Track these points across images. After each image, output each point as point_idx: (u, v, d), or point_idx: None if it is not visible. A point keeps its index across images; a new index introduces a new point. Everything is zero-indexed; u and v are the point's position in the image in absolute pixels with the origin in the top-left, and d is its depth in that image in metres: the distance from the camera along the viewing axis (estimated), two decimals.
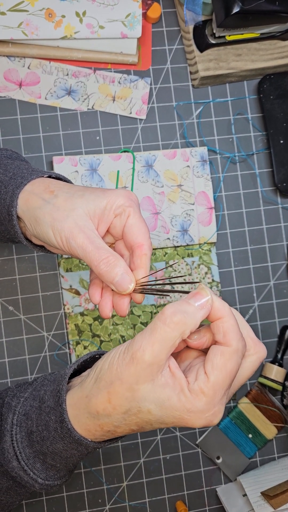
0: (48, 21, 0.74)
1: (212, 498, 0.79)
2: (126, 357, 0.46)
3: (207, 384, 0.46)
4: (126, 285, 0.52)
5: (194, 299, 0.47)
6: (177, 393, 0.46)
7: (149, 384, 0.46)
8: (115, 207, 0.54)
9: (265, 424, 0.80)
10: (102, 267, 0.52)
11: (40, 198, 0.55)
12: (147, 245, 0.54)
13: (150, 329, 0.46)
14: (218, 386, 0.46)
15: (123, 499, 0.77)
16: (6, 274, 0.76)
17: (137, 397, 0.46)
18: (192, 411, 0.46)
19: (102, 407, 0.48)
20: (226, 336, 0.47)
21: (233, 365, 0.47)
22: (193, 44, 0.78)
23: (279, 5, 0.73)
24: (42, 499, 0.75)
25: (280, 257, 0.83)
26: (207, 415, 0.46)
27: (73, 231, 0.52)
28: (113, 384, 0.47)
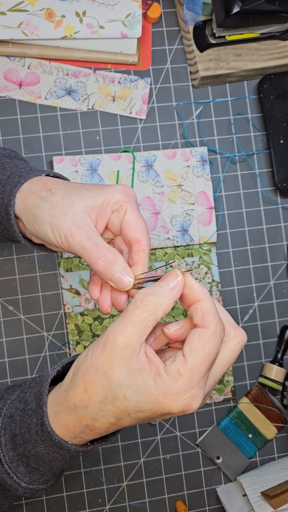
0: (48, 21, 0.74)
1: (212, 498, 0.79)
2: (100, 344, 0.47)
3: (185, 366, 0.45)
4: (125, 282, 0.52)
5: (165, 281, 0.47)
6: (153, 376, 0.45)
7: (124, 369, 0.46)
8: (112, 203, 0.54)
9: (265, 424, 0.80)
10: (100, 264, 0.52)
11: (38, 196, 0.55)
12: (145, 240, 0.54)
13: (122, 314, 0.47)
14: (196, 368, 0.45)
15: (123, 499, 0.77)
16: (6, 274, 0.76)
17: (112, 383, 0.46)
18: (168, 394, 0.45)
19: (79, 398, 0.48)
20: (204, 318, 0.47)
21: (211, 347, 0.46)
22: (193, 44, 0.78)
23: (279, 5, 0.73)
24: (42, 499, 0.75)
25: (280, 257, 0.83)
26: (184, 397, 0.45)
27: (71, 228, 0.52)
28: (88, 373, 0.47)
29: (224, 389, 0.79)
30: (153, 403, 0.46)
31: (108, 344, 0.46)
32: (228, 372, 0.79)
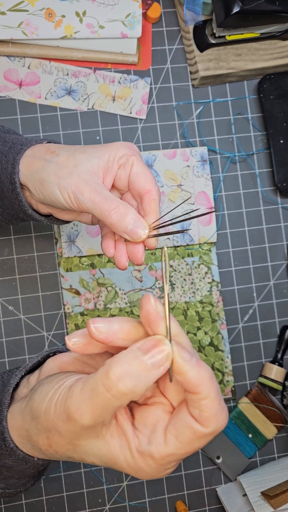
0: (48, 21, 0.74)
1: (212, 498, 0.79)
2: (63, 413, 0.38)
3: (161, 453, 0.38)
4: (140, 232, 0.52)
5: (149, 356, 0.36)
6: (123, 453, 0.39)
7: (92, 441, 0.39)
8: (118, 157, 0.54)
9: (265, 424, 0.80)
10: (113, 216, 0.52)
11: (42, 159, 0.55)
12: (155, 190, 0.54)
13: (90, 390, 0.37)
14: (173, 458, 0.38)
15: (123, 499, 0.77)
16: (6, 273, 0.76)
17: (79, 451, 0.40)
18: (139, 473, 0.39)
19: (45, 448, 0.42)
20: (202, 415, 0.37)
21: (201, 444, 0.38)
22: (193, 44, 0.78)
23: (279, 5, 0.73)
24: (42, 499, 0.75)
25: (280, 257, 0.83)
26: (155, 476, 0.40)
27: (79, 186, 0.52)
28: (51, 433, 0.40)
29: (224, 389, 0.79)
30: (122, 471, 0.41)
31: (73, 422, 0.38)
32: (228, 372, 0.79)
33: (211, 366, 0.79)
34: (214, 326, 0.79)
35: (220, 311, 0.79)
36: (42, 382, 0.43)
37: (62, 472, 0.76)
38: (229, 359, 0.80)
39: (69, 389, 0.39)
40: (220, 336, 0.79)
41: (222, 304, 0.80)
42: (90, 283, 0.77)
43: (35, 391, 0.42)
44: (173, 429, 0.38)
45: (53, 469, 0.76)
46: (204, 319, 0.79)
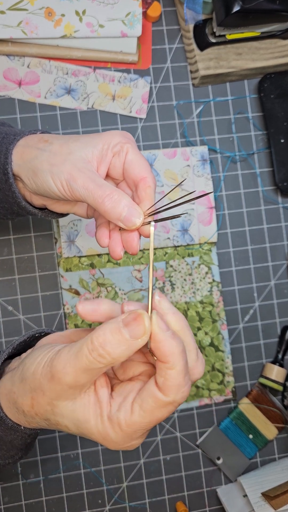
0: (48, 20, 0.73)
1: (212, 499, 0.79)
2: (48, 372, 0.43)
3: (127, 421, 0.42)
4: (135, 219, 0.51)
5: (128, 329, 0.40)
6: (95, 418, 0.43)
7: (69, 403, 0.43)
8: (112, 145, 0.53)
9: (265, 425, 0.79)
10: (107, 203, 0.51)
11: (35, 148, 0.54)
12: (150, 177, 0.53)
13: (75, 352, 0.41)
14: (138, 427, 0.42)
15: (123, 500, 0.77)
16: (6, 274, 0.76)
17: (56, 412, 0.44)
18: (106, 440, 0.43)
19: (27, 409, 0.46)
20: (165, 384, 0.41)
21: (163, 414, 0.42)
22: (194, 43, 0.78)
23: (280, 4, 0.72)
24: (42, 500, 0.75)
25: (281, 257, 0.83)
26: (120, 447, 0.44)
27: (73, 173, 0.51)
28: (36, 392, 0.44)
29: (225, 389, 0.79)
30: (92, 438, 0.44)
31: (56, 380, 0.42)
32: (229, 373, 0.79)
33: (211, 367, 0.79)
34: (215, 326, 0.79)
35: (221, 311, 0.79)
36: (34, 349, 0.48)
37: (62, 473, 0.76)
38: (229, 359, 0.79)
39: (57, 352, 0.43)
40: (220, 337, 0.79)
41: (222, 304, 0.79)
42: (89, 283, 0.76)
43: (26, 357, 0.47)
44: (139, 399, 0.42)
45: (53, 470, 0.76)
46: (204, 319, 0.79)
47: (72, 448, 0.76)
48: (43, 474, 0.76)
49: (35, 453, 0.75)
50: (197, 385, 0.78)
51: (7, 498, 0.75)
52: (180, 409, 0.78)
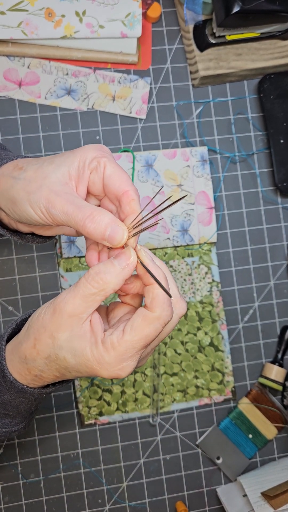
0: (48, 21, 0.74)
1: (212, 499, 0.79)
2: (51, 307, 0.49)
3: (120, 340, 0.47)
4: (119, 236, 0.49)
5: (117, 260, 0.48)
6: (90, 345, 0.48)
7: (67, 334, 0.48)
8: (88, 162, 0.51)
9: (265, 425, 0.80)
10: (88, 225, 0.49)
11: (10, 177, 0.53)
12: (132, 190, 0.51)
13: (75, 285, 0.48)
14: (130, 345, 0.47)
15: (123, 500, 0.77)
16: (6, 274, 0.76)
17: (55, 344, 0.49)
18: (100, 363, 0.48)
19: (29, 352, 0.50)
20: (152, 302, 0.47)
21: (151, 330, 0.47)
22: (193, 44, 0.78)
23: (279, 5, 0.72)
24: (42, 499, 0.75)
25: (280, 257, 0.83)
26: (114, 369, 0.48)
27: (50, 198, 0.50)
28: (38, 331, 0.50)
29: (224, 389, 0.79)
30: (88, 368, 0.49)
31: (57, 310, 0.48)
32: (229, 373, 0.79)
33: (211, 366, 0.79)
34: (214, 326, 0.79)
35: (220, 311, 0.79)
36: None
37: (62, 472, 0.76)
38: (229, 359, 0.80)
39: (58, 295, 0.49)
40: (220, 337, 0.79)
41: (222, 304, 0.80)
42: None
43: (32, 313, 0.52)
44: (129, 322, 0.48)
45: (53, 470, 0.76)
46: (204, 319, 0.79)
47: (72, 448, 0.76)
48: (43, 474, 0.76)
49: (35, 453, 0.76)
50: (197, 385, 0.78)
51: (7, 498, 0.75)
52: (180, 409, 0.79)
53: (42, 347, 0.49)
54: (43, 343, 0.49)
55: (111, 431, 0.77)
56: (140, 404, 0.77)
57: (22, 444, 0.75)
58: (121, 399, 0.77)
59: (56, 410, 0.76)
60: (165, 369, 0.78)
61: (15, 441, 0.75)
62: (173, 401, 0.78)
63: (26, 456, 0.75)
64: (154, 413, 0.78)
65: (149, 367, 0.77)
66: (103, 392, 0.76)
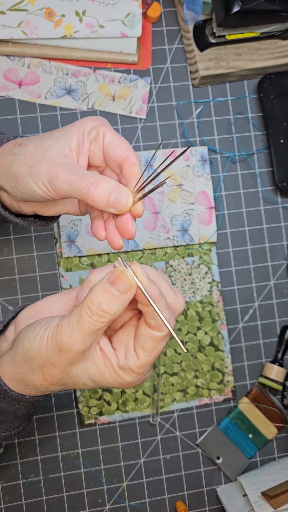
0: (48, 21, 0.74)
1: (212, 498, 0.79)
2: (55, 347, 0.46)
3: (137, 364, 0.47)
4: (124, 200, 0.49)
5: (116, 287, 0.45)
6: (108, 370, 0.48)
7: (82, 364, 0.47)
8: (87, 132, 0.51)
9: (265, 424, 0.80)
10: (93, 192, 0.49)
11: (10, 154, 0.53)
12: (133, 155, 0.51)
13: (76, 321, 0.45)
14: (147, 365, 0.48)
15: (123, 499, 0.77)
16: (6, 273, 0.76)
17: (71, 375, 0.48)
18: (122, 384, 0.48)
19: (39, 383, 0.49)
20: (158, 322, 0.46)
21: (162, 346, 0.48)
22: (193, 44, 0.78)
23: (279, 5, 0.72)
24: (42, 499, 0.75)
25: (280, 257, 0.83)
26: (136, 383, 0.49)
27: (52, 170, 0.50)
28: (46, 367, 0.48)
29: (224, 389, 0.79)
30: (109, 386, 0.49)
31: (65, 350, 0.46)
32: (229, 372, 0.79)
33: (211, 366, 0.79)
34: (214, 326, 0.79)
35: (220, 311, 0.79)
36: (27, 329, 0.50)
37: (62, 472, 0.76)
38: (229, 359, 0.80)
39: (56, 326, 0.46)
40: (220, 336, 0.79)
41: (222, 304, 0.80)
42: None
43: (23, 338, 0.49)
44: (138, 344, 0.47)
45: (53, 469, 0.76)
46: (204, 319, 0.79)
47: (72, 448, 0.76)
48: (43, 474, 0.76)
49: (35, 452, 0.76)
50: (197, 385, 0.78)
51: (8, 498, 0.75)
52: (180, 408, 0.78)
53: (55, 379, 0.48)
54: (56, 377, 0.48)
55: (111, 430, 0.77)
56: (140, 403, 0.77)
57: (22, 444, 0.75)
58: (121, 399, 0.77)
59: (56, 410, 0.76)
60: (165, 368, 0.78)
61: (15, 441, 0.75)
62: (173, 400, 0.78)
63: (26, 456, 0.75)
64: (154, 412, 0.78)
65: None
66: (103, 392, 0.76)
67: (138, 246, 0.77)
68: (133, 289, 0.45)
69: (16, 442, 0.75)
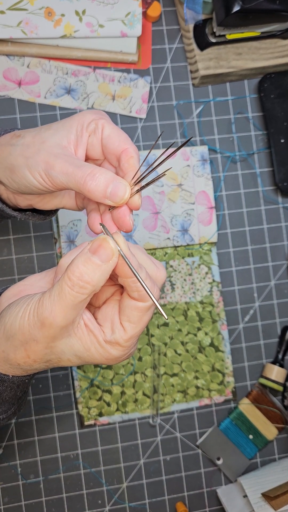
0: (48, 20, 0.73)
1: (212, 499, 0.79)
2: (37, 321, 0.45)
3: (124, 337, 0.47)
4: (122, 192, 0.48)
5: (98, 256, 0.44)
6: (93, 345, 0.47)
7: (66, 340, 0.47)
8: (86, 124, 0.51)
9: (265, 425, 0.79)
10: (89, 183, 0.48)
11: (8, 145, 0.53)
12: (132, 148, 0.50)
13: (57, 293, 0.44)
14: (134, 337, 0.48)
15: (123, 500, 0.77)
16: (5, 274, 0.76)
17: (55, 351, 0.47)
18: (109, 358, 0.48)
19: (23, 361, 0.48)
20: (141, 293, 0.46)
21: (148, 316, 0.48)
22: (193, 43, 0.78)
23: (279, 4, 0.72)
24: (42, 500, 0.75)
25: (281, 257, 0.82)
26: (122, 358, 0.49)
27: (49, 161, 0.49)
28: (28, 344, 0.47)
29: (225, 390, 0.79)
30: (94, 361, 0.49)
31: (47, 324, 0.45)
32: (229, 373, 0.79)
33: (211, 367, 0.79)
34: (215, 326, 0.79)
35: (221, 311, 0.79)
36: (9, 306, 0.49)
37: (62, 473, 0.76)
38: (229, 359, 0.79)
39: (38, 301, 0.46)
40: (220, 337, 0.79)
41: (222, 304, 0.79)
42: None
43: (4, 315, 0.48)
44: (124, 316, 0.47)
45: (53, 470, 0.76)
46: (204, 319, 0.79)
47: (72, 449, 0.76)
48: (43, 475, 0.76)
49: (35, 453, 0.75)
50: (197, 386, 0.78)
51: (7, 499, 0.75)
52: (180, 409, 0.78)
53: (39, 356, 0.48)
54: (39, 353, 0.47)
55: (111, 431, 0.77)
56: (140, 404, 0.77)
57: (22, 445, 0.75)
58: (121, 400, 0.77)
59: (56, 410, 0.76)
60: (165, 369, 0.78)
61: (15, 442, 0.75)
62: (173, 401, 0.78)
63: (26, 457, 0.75)
64: (154, 413, 0.77)
65: (149, 368, 0.77)
66: (103, 393, 0.76)
67: None
68: (115, 257, 0.45)
69: (16, 442, 0.75)
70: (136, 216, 0.77)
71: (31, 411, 0.75)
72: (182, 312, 0.78)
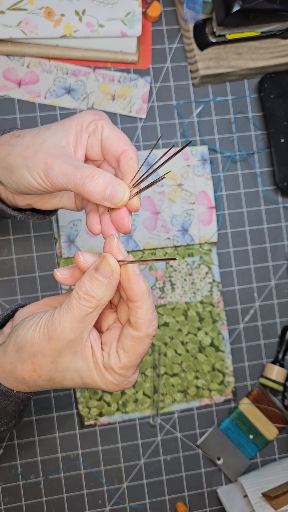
0: (48, 20, 0.73)
1: (212, 499, 0.79)
2: (46, 333, 0.47)
3: (118, 365, 0.48)
4: (121, 194, 0.48)
5: (99, 272, 0.46)
6: (95, 368, 0.49)
7: (71, 357, 0.48)
8: (86, 125, 0.51)
9: (266, 425, 0.79)
10: (88, 184, 0.48)
11: (7, 145, 0.52)
12: (131, 149, 0.50)
13: (66, 306, 0.47)
14: (129, 366, 0.48)
15: (123, 500, 0.77)
16: (5, 274, 0.76)
17: (60, 368, 0.49)
18: (107, 384, 0.49)
19: (28, 375, 0.49)
20: (137, 322, 0.47)
21: (143, 348, 0.48)
22: (193, 43, 0.78)
23: (280, 4, 0.72)
24: (42, 500, 0.75)
25: (281, 257, 0.82)
26: (120, 386, 0.50)
27: (48, 161, 0.49)
28: (36, 357, 0.48)
29: (225, 389, 0.79)
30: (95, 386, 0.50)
31: (55, 337, 0.47)
32: (229, 373, 0.79)
33: (211, 367, 0.79)
34: (215, 326, 0.79)
35: (221, 311, 0.79)
36: (23, 320, 0.51)
37: (62, 473, 0.76)
38: (230, 359, 0.79)
39: (50, 315, 0.48)
40: (221, 337, 0.79)
41: (222, 304, 0.79)
42: None
43: (18, 328, 0.50)
44: (119, 343, 0.48)
45: (53, 470, 0.76)
46: (204, 319, 0.79)
47: (72, 449, 0.76)
48: (43, 475, 0.76)
49: (35, 453, 0.75)
50: (198, 386, 0.78)
51: (7, 499, 0.75)
52: (180, 409, 0.78)
53: (44, 372, 0.49)
54: (45, 368, 0.49)
55: (111, 431, 0.77)
56: (140, 404, 0.77)
57: (22, 445, 0.75)
58: (121, 400, 0.77)
59: (56, 410, 0.76)
60: (165, 369, 0.78)
61: (15, 442, 0.75)
62: (174, 401, 0.78)
63: (26, 457, 0.75)
64: (155, 413, 0.77)
65: (150, 368, 0.77)
66: (103, 393, 0.76)
67: (138, 246, 0.77)
68: (116, 273, 0.46)
69: (16, 443, 0.75)
70: (136, 216, 0.77)
71: (31, 411, 0.75)
72: (182, 312, 0.78)
